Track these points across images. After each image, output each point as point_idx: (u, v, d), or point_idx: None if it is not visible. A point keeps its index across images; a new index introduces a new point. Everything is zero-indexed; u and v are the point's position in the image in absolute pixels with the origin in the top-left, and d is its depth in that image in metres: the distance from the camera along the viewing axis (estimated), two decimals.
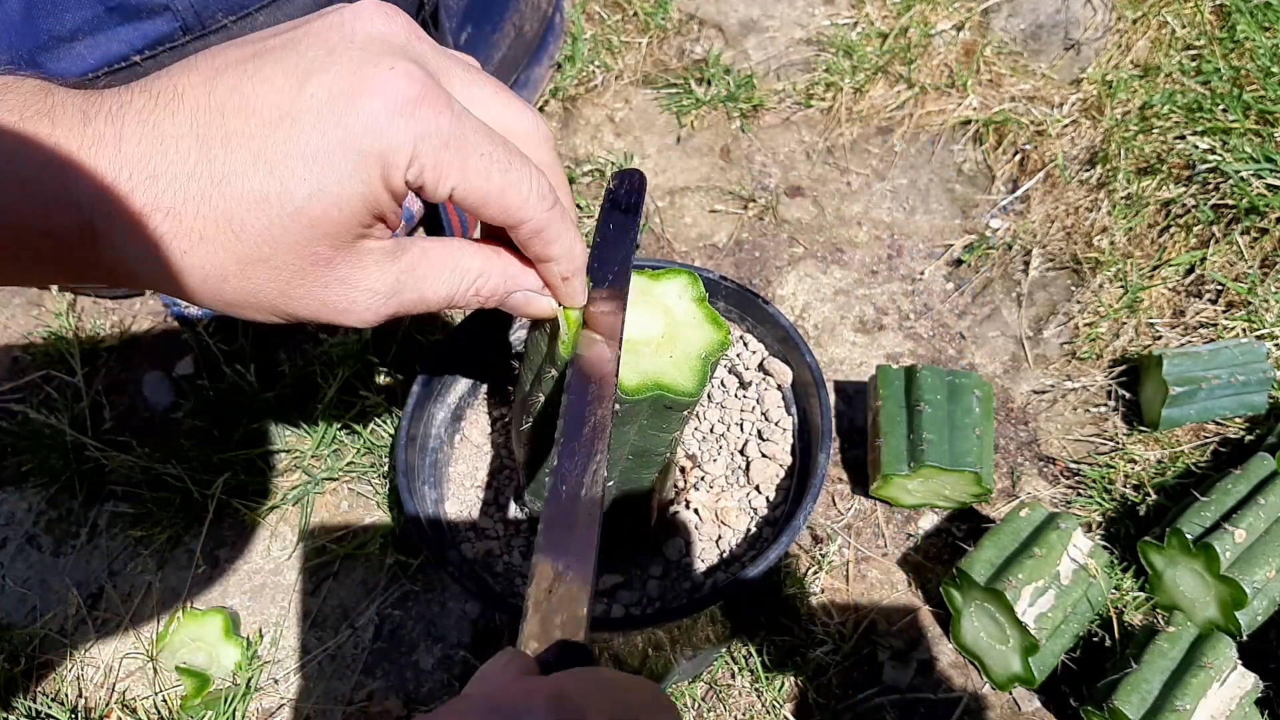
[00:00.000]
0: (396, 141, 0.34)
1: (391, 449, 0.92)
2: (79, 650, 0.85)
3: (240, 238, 0.34)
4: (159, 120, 0.33)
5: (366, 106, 0.33)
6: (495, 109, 0.39)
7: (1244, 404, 0.90)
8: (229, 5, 0.73)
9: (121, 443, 0.95)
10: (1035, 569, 0.74)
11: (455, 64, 0.39)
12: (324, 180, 0.34)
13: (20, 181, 0.32)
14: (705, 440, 0.72)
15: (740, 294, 0.72)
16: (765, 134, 1.20)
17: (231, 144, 0.33)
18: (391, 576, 0.88)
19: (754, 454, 0.69)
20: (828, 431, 0.64)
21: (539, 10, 1.13)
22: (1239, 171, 1.01)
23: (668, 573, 0.65)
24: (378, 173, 0.34)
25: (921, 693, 0.80)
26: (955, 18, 1.23)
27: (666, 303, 0.52)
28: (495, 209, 0.38)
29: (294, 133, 0.33)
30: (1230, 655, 0.71)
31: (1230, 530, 0.75)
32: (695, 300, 0.52)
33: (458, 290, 0.41)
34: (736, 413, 0.72)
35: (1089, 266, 1.04)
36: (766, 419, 0.71)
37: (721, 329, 0.51)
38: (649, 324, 0.50)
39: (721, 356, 0.51)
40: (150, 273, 0.35)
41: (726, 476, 0.69)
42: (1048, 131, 1.13)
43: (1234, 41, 1.14)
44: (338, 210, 0.34)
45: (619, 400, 0.47)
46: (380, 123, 0.33)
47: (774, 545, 0.60)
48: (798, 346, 0.69)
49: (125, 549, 0.91)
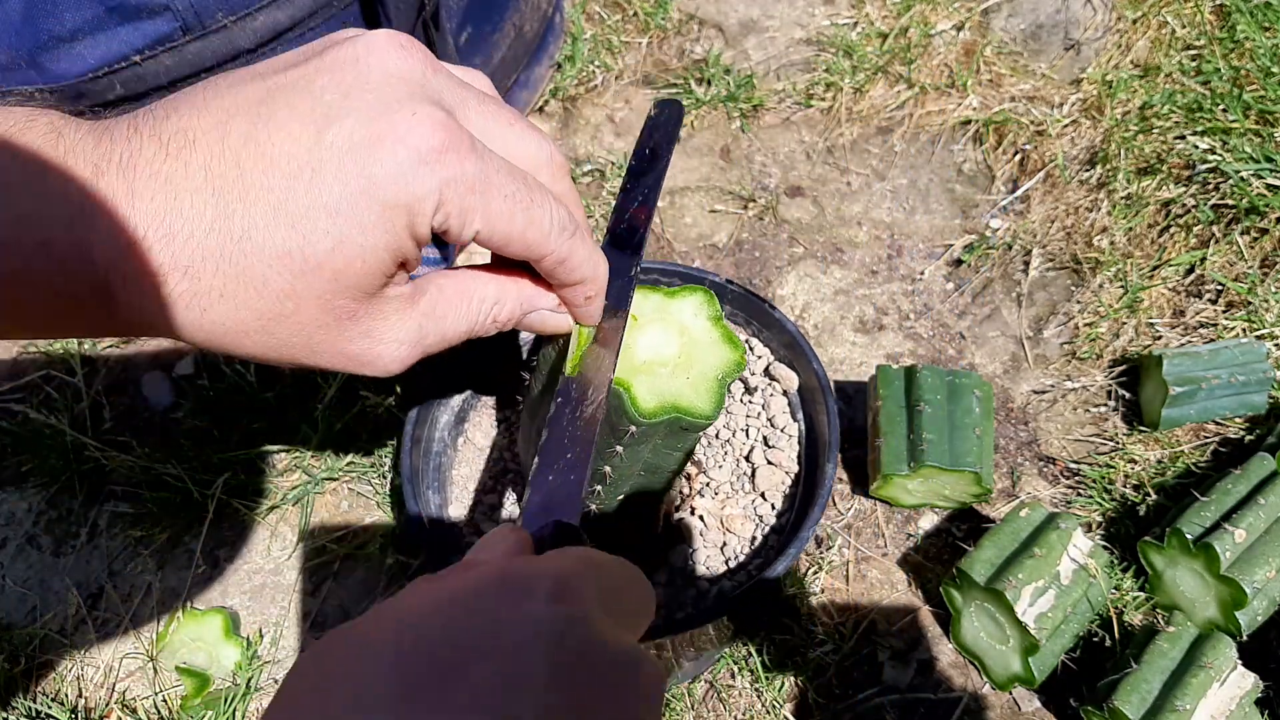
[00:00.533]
0: (422, 190, 0.33)
1: (396, 452, 0.92)
2: (79, 650, 0.85)
3: (262, 294, 0.33)
4: (172, 173, 0.32)
5: (390, 156, 0.32)
6: (511, 140, 0.39)
7: (1244, 404, 0.90)
8: (229, 5, 0.73)
9: (121, 443, 0.95)
10: (1035, 569, 0.74)
11: (471, 95, 0.38)
12: (348, 232, 0.33)
13: (37, 243, 0.31)
14: (710, 446, 0.71)
15: (746, 298, 0.72)
16: (765, 134, 1.20)
17: (249, 197, 0.32)
18: (391, 576, 0.88)
19: (760, 461, 0.69)
20: (834, 442, 0.64)
21: (539, 10, 1.13)
22: (1239, 171, 1.01)
23: (673, 580, 0.65)
24: (403, 222, 0.34)
25: (921, 693, 0.80)
26: (955, 18, 1.23)
27: (682, 321, 0.51)
28: (519, 247, 0.38)
29: (315, 184, 0.32)
30: (1230, 655, 0.71)
31: (1230, 530, 0.75)
32: (711, 319, 0.51)
33: (476, 321, 0.41)
34: (742, 419, 0.72)
35: (1089, 266, 1.04)
36: (772, 425, 0.71)
37: (738, 349, 0.50)
38: (665, 344, 0.50)
39: (737, 377, 0.51)
40: (169, 329, 0.34)
41: (732, 483, 0.69)
42: (1048, 131, 1.13)
43: (1234, 41, 1.14)
44: (361, 262, 0.34)
45: (635, 422, 0.47)
46: (405, 172, 0.33)
47: (781, 557, 0.59)
48: (804, 352, 0.69)
49: (125, 549, 0.91)
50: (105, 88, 0.72)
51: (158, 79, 0.73)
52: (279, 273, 0.33)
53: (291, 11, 0.76)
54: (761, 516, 0.67)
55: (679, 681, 0.80)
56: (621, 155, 1.18)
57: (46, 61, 0.69)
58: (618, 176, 1.15)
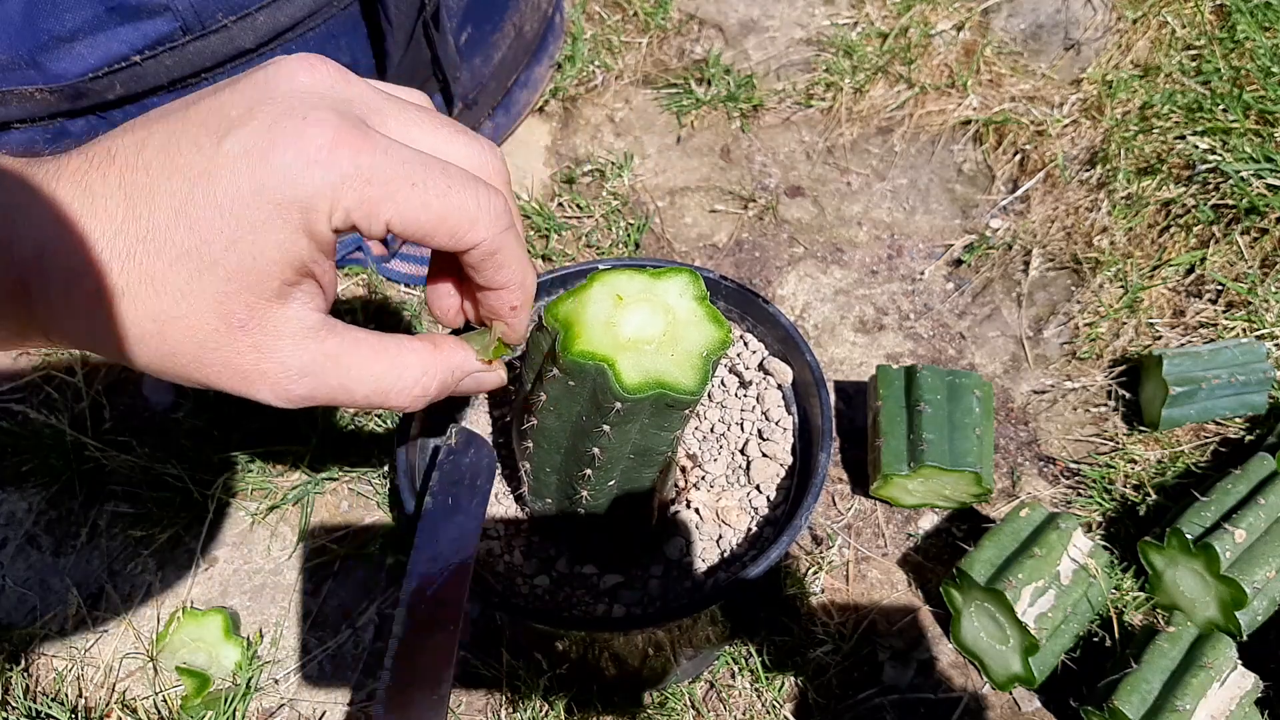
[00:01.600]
0: (313, 188, 0.34)
1: (392, 449, 0.92)
2: (79, 650, 0.85)
3: (160, 294, 0.34)
4: (90, 181, 0.34)
5: (279, 158, 0.33)
6: (439, 144, 0.38)
7: (1244, 404, 0.90)
8: (229, 5, 0.73)
9: (121, 443, 0.95)
10: (1035, 569, 0.74)
11: (390, 104, 0.38)
12: (240, 231, 0.34)
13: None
14: (706, 440, 0.72)
15: (740, 293, 0.72)
16: (765, 134, 1.20)
17: (155, 201, 0.34)
18: (391, 576, 0.88)
19: (754, 453, 0.69)
20: (828, 431, 0.64)
21: (539, 10, 1.13)
22: (1239, 171, 1.01)
23: (669, 572, 0.65)
24: (297, 220, 0.34)
25: (921, 693, 0.80)
26: (955, 18, 1.23)
27: (668, 301, 0.52)
28: (443, 236, 0.37)
29: (211, 187, 0.33)
30: (1230, 655, 0.71)
31: (1230, 530, 0.75)
32: (696, 299, 0.52)
33: (391, 390, 0.40)
34: (737, 412, 0.72)
35: (1089, 266, 1.04)
36: (767, 418, 0.71)
37: (723, 327, 0.51)
38: (650, 322, 0.50)
39: (723, 355, 0.51)
40: (76, 331, 0.35)
41: (727, 476, 0.69)
42: (1048, 131, 1.13)
43: (1234, 41, 1.14)
44: (253, 260, 0.34)
45: (620, 399, 0.47)
46: (295, 173, 0.33)
47: (775, 545, 0.60)
48: (798, 346, 0.69)
49: (125, 549, 0.91)
50: (105, 87, 0.72)
51: (158, 79, 0.73)
52: (177, 272, 0.34)
53: (291, 11, 0.76)
54: (757, 509, 0.67)
55: (678, 680, 0.80)
56: (621, 155, 1.17)
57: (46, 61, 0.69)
58: (618, 176, 1.15)
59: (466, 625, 0.42)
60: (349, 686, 0.82)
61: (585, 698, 0.79)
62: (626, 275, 0.51)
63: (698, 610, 0.58)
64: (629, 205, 1.13)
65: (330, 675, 0.83)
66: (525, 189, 1.15)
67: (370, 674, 0.83)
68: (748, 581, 0.59)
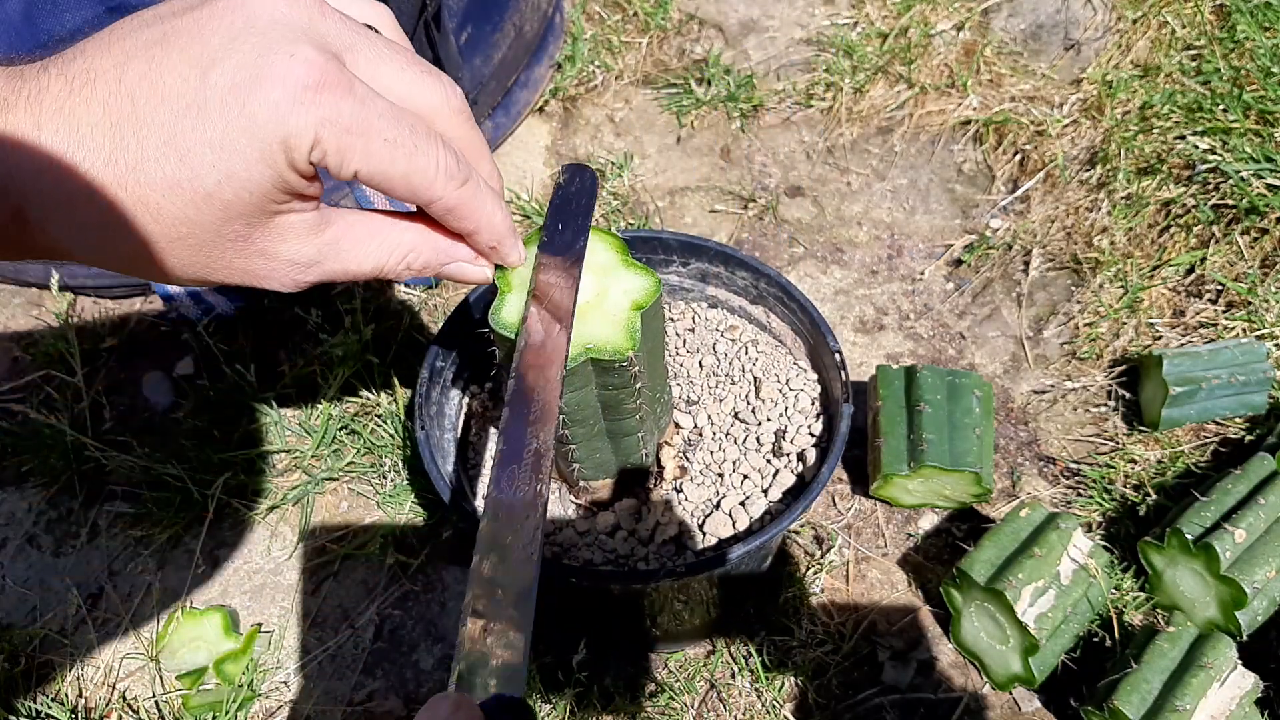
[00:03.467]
0: (298, 127, 0.35)
1: (408, 408, 0.90)
2: (79, 650, 0.85)
3: (159, 220, 0.36)
4: (74, 108, 0.34)
5: (267, 95, 0.34)
6: (405, 83, 0.40)
7: (1244, 404, 0.90)
8: None
9: (121, 443, 0.95)
10: (1035, 569, 0.74)
11: (362, 40, 0.39)
12: (232, 167, 0.35)
13: None
14: (720, 400, 0.73)
15: (723, 254, 0.73)
16: (765, 134, 1.20)
17: (142, 132, 0.34)
18: (391, 576, 0.88)
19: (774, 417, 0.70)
20: (847, 397, 0.65)
21: (539, 10, 1.13)
22: (1239, 171, 1.01)
23: (681, 536, 0.66)
24: (282, 158, 0.35)
25: (921, 693, 0.80)
26: (955, 18, 1.23)
27: (596, 261, 0.53)
28: (403, 191, 0.39)
29: (200, 121, 0.34)
30: (1230, 655, 0.71)
31: (1230, 530, 0.75)
32: (619, 253, 0.53)
33: (386, 263, 0.43)
34: (749, 370, 0.73)
35: (1089, 266, 1.04)
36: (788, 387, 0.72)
37: (650, 276, 0.52)
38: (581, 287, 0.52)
39: (657, 305, 0.52)
40: (84, 251, 0.37)
41: (741, 440, 0.70)
42: (1048, 131, 1.13)
43: (1234, 41, 1.14)
44: (248, 194, 0.36)
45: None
46: (282, 112, 0.35)
47: (799, 501, 0.61)
48: (796, 299, 0.71)
49: (125, 549, 0.91)
50: None
51: None
52: (171, 201, 0.35)
53: None
54: (771, 477, 0.68)
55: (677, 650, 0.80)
56: (621, 155, 1.18)
57: None
58: (618, 176, 1.15)
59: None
60: (349, 686, 0.82)
61: (587, 699, 0.79)
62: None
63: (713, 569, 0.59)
64: (629, 205, 1.13)
65: (330, 675, 0.83)
66: (525, 189, 1.15)
67: (370, 674, 0.83)
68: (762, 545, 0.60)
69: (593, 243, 0.53)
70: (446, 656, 0.84)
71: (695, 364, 0.74)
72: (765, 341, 0.76)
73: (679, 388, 0.73)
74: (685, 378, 0.74)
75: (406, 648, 0.84)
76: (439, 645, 0.84)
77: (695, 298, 0.78)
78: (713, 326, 0.77)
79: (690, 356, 0.75)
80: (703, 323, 0.77)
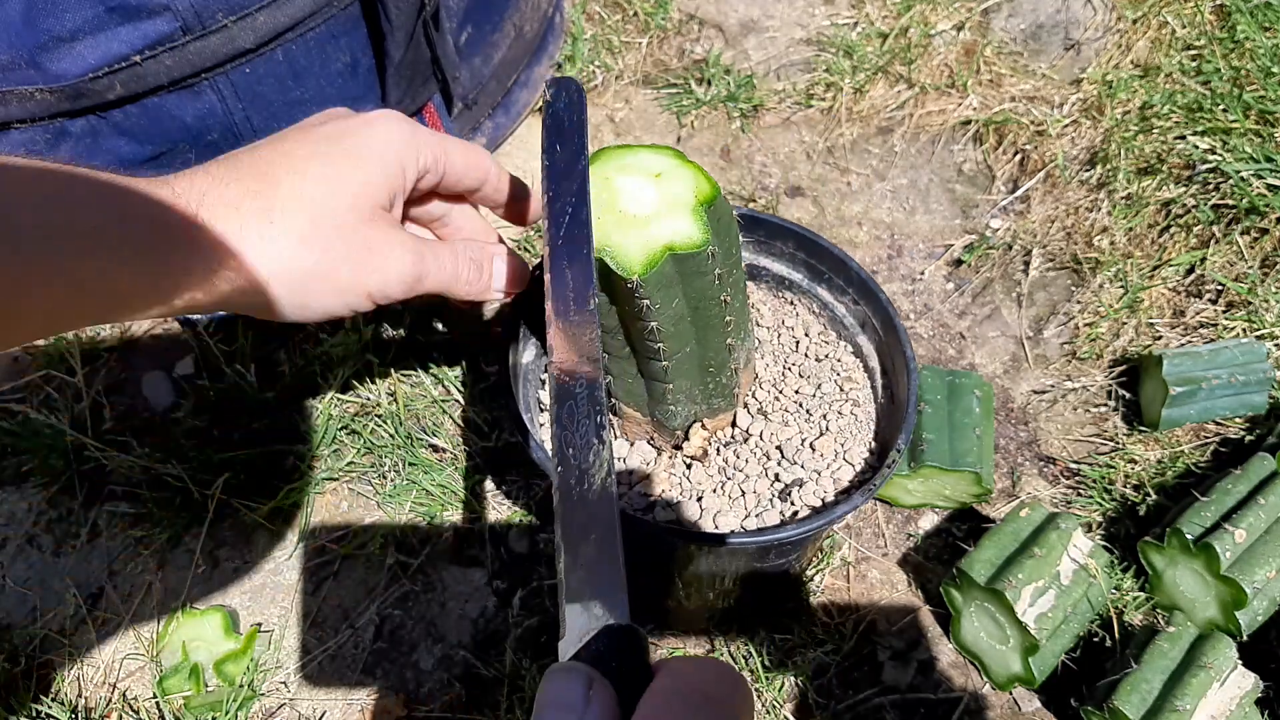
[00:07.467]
0: (411, 150, 0.53)
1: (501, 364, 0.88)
2: (79, 650, 0.85)
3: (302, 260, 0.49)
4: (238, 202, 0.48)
5: (387, 136, 0.52)
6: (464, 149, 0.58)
7: (1244, 404, 0.90)
8: (229, 5, 0.73)
9: (121, 443, 0.95)
10: (1035, 569, 0.74)
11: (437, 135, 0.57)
12: (370, 174, 0.51)
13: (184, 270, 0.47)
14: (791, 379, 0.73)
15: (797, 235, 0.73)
16: (765, 134, 1.20)
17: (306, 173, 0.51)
18: (391, 576, 0.88)
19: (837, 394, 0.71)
20: (911, 368, 0.65)
21: (539, 10, 1.13)
22: (1239, 171, 1.01)
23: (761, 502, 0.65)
24: (398, 169, 0.52)
25: (921, 693, 0.80)
26: (955, 18, 1.23)
27: (651, 167, 0.53)
28: (477, 172, 0.57)
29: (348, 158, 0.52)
30: (1230, 655, 0.71)
31: (1230, 530, 0.75)
32: (675, 158, 0.54)
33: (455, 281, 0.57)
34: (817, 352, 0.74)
35: (1089, 266, 1.04)
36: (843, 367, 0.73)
37: (710, 180, 0.53)
38: (640, 195, 0.53)
39: (721, 204, 0.53)
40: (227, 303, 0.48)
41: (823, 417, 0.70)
42: (1048, 131, 1.13)
43: (1234, 41, 1.14)
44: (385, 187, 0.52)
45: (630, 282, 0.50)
46: (397, 147, 0.52)
47: (878, 475, 0.61)
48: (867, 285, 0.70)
49: (125, 549, 0.91)
50: (105, 88, 0.72)
51: (158, 79, 0.73)
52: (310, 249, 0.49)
53: (292, 11, 0.76)
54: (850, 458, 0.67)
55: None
56: None
57: (46, 61, 0.69)
58: None
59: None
60: (349, 686, 0.82)
61: None
62: (610, 156, 0.55)
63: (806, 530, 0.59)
64: None
65: (330, 675, 0.83)
66: None
67: (370, 674, 0.83)
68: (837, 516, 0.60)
69: (646, 155, 0.54)
70: (446, 656, 0.84)
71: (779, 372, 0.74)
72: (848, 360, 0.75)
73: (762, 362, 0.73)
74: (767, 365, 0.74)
75: (406, 648, 0.84)
76: (439, 645, 0.84)
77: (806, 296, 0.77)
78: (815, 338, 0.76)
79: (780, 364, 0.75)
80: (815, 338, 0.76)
